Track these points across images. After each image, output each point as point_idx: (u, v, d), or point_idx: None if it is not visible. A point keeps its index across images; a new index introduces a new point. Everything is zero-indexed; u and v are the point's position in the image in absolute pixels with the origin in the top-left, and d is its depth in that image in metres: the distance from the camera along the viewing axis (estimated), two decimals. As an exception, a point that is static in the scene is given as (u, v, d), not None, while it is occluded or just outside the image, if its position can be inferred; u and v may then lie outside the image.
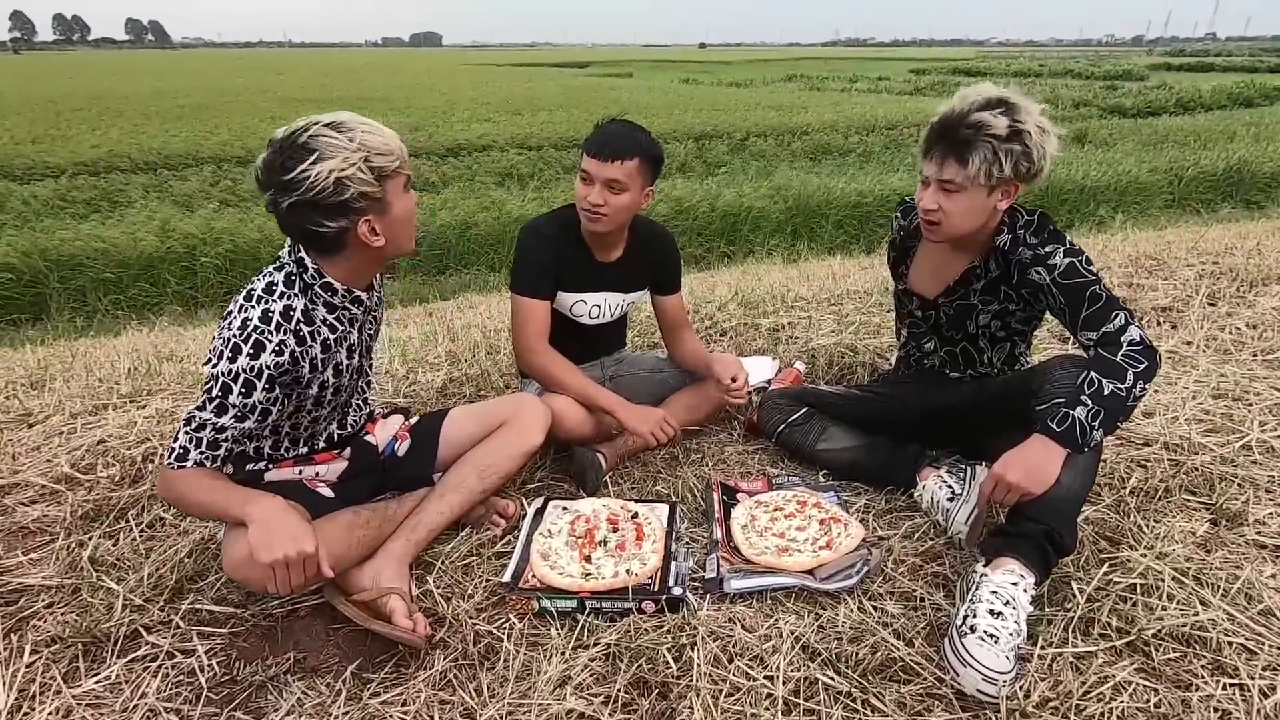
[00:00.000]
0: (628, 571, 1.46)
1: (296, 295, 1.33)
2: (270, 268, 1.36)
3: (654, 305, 2.09)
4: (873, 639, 1.34)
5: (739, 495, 1.76)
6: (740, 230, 8.57)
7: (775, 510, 1.67)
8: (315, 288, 1.36)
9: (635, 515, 1.64)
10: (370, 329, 1.55)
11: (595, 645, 1.33)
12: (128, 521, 1.72)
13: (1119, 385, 1.39)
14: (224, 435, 1.32)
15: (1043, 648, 1.29)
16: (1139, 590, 1.42)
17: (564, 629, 1.38)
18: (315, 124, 1.25)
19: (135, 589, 1.47)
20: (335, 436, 1.61)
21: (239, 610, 1.43)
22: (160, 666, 1.30)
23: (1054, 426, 1.40)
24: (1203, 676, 1.25)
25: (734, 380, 1.86)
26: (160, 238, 6.95)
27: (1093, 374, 1.41)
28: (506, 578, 1.48)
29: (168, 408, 2.32)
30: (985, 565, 1.36)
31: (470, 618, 1.41)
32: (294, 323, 1.31)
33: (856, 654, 1.31)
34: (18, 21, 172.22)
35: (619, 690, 1.25)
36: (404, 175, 1.35)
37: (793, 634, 1.35)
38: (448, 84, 26.69)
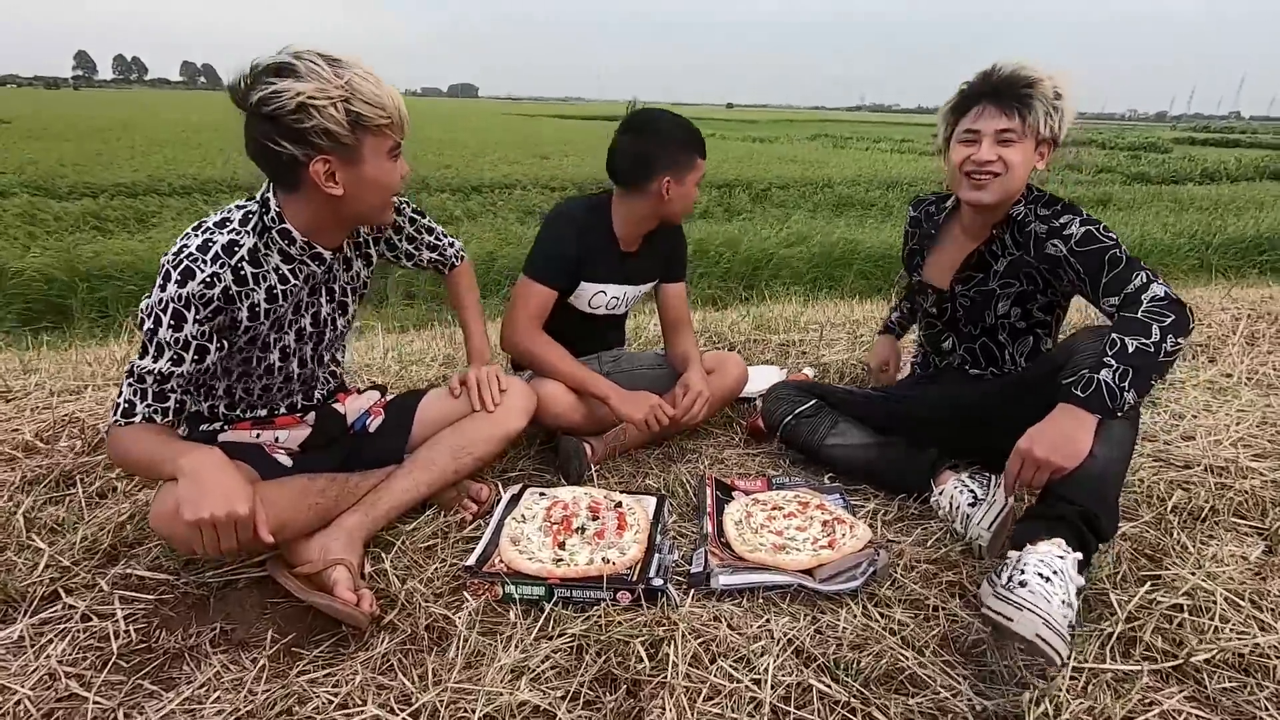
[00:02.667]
0: (604, 559, 1.31)
1: (248, 234, 1.24)
2: (234, 204, 1.28)
3: (658, 294, 1.99)
4: (877, 646, 1.17)
5: (735, 493, 1.60)
6: (760, 275, 8.51)
7: (774, 509, 1.51)
8: (273, 232, 1.26)
9: (619, 505, 1.49)
10: (335, 301, 1.44)
11: (560, 636, 1.18)
12: (76, 487, 1.60)
13: (1144, 341, 1.25)
14: (168, 385, 1.21)
15: (1078, 662, 1.11)
16: (1186, 611, 1.24)
17: (527, 618, 1.22)
18: (312, 51, 1.18)
19: (64, 550, 1.35)
20: (298, 405, 1.49)
21: (171, 578, 1.29)
22: (71, 629, 1.16)
23: (1079, 393, 1.25)
24: (1270, 711, 1.06)
25: (686, 398, 1.76)
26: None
27: (1114, 335, 1.27)
28: (471, 561, 1.33)
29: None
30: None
31: (425, 601, 1.26)
32: (235, 259, 1.21)
33: (858, 661, 1.14)
34: (81, 61, 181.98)
35: (582, 685, 1.08)
36: (391, 139, 1.24)
37: (785, 636, 1.18)
38: (479, 130, 27.50)
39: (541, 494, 1.55)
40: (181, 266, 1.17)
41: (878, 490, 1.66)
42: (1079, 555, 1.15)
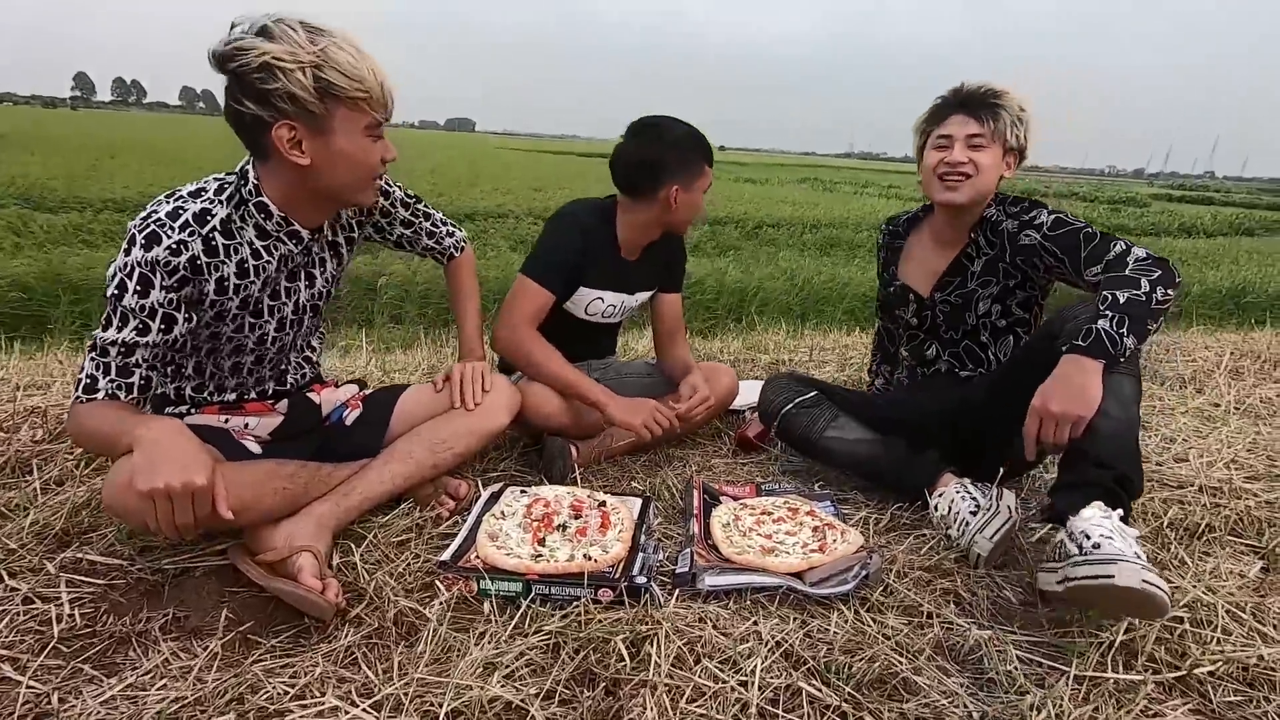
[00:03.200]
0: (585, 556, 1.25)
1: (222, 204, 1.20)
2: (211, 175, 1.25)
3: (653, 304, 1.95)
4: (869, 651, 1.11)
5: (722, 498, 1.55)
6: (747, 309, 8.55)
7: (763, 514, 1.46)
8: (250, 205, 1.23)
9: (603, 504, 1.43)
10: (314, 286, 1.39)
11: (537, 633, 1.11)
12: (33, 474, 1.52)
13: (1135, 292, 1.28)
14: (133, 359, 1.16)
15: (1079, 670, 1.06)
16: (1187, 622, 1.20)
17: (502, 614, 1.16)
18: (294, 18, 1.15)
19: (12, 534, 1.27)
20: (270, 391, 1.44)
21: (125, 564, 1.22)
22: (10, 611, 1.08)
23: (1080, 343, 1.25)
24: (1277, 724, 1.02)
25: (693, 398, 1.74)
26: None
27: (1104, 291, 1.31)
28: (445, 556, 1.27)
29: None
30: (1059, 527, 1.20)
31: (395, 596, 1.19)
32: (207, 229, 1.17)
33: (849, 665, 1.08)
34: (80, 82, 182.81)
35: (558, 682, 1.02)
36: (368, 116, 1.19)
37: (774, 639, 1.12)
38: (474, 161, 27.78)
39: (523, 492, 1.49)
40: (148, 231, 1.13)
41: (875, 488, 1.62)
42: (1120, 512, 1.15)
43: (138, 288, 1.13)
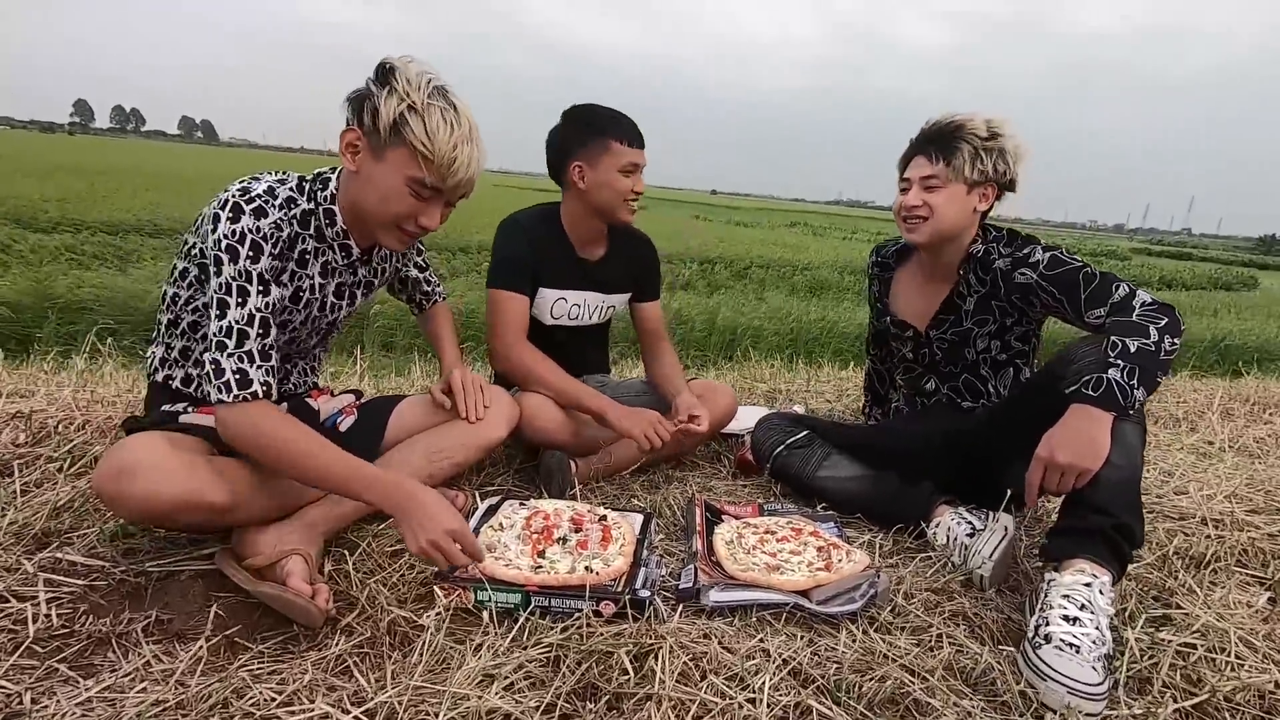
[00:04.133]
0: (586, 569, 1.21)
1: (304, 198, 1.26)
2: (286, 170, 1.29)
3: (633, 314, 1.96)
4: (879, 670, 1.07)
5: (724, 516, 1.52)
6: (738, 346, 8.58)
7: (766, 533, 1.43)
8: (321, 208, 1.26)
9: (604, 518, 1.40)
10: (344, 298, 1.40)
11: (536, 646, 1.07)
12: (13, 475, 1.47)
13: (1145, 341, 1.25)
14: (268, 337, 1.16)
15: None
16: (1200, 649, 1.17)
17: (500, 626, 1.11)
18: (440, 76, 1.21)
19: (-10, 533, 1.21)
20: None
21: (107, 564, 1.17)
22: (-17, 610, 1.03)
23: (1090, 393, 1.22)
24: (1298, 752, 0.99)
25: (692, 420, 1.71)
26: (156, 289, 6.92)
27: (1113, 338, 1.27)
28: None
29: (109, 395, 2.10)
30: (1053, 570, 1.16)
31: (389, 604, 1.14)
32: (290, 214, 1.23)
33: (860, 684, 1.04)
34: (79, 109, 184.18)
35: (559, 695, 0.97)
36: (419, 172, 1.18)
37: (781, 656, 1.09)
38: (474, 198, 28.05)
39: (521, 504, 1.45)
40: (254, 205, 1.16)
41: (872, 523, 1.59)
42: (1109, 576, 1.12)
43: (249, 253, 1.14)
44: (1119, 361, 1.23)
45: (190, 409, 1.32)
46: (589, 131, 1.69)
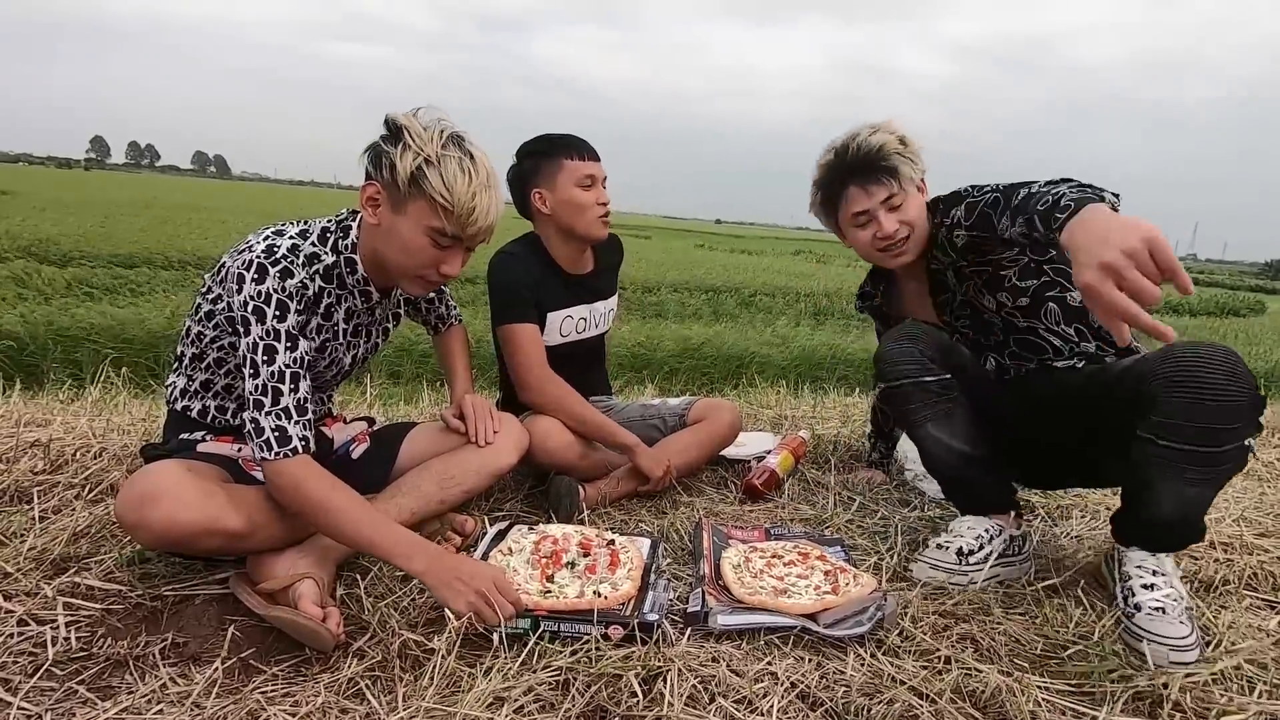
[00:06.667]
0: (595, 593, 1.23)
1: (328, 251, 1.29)
2: (309, 219, 1.33)
3: None
4: (888, 694, 1.08)
5: (731, 541, 1.53)
6: (745, 373, 8.60)
7: (773, 557, 1.44)
8: (343, 258, 1.30)
9: (612, 543, 1.41)
10: (368, 342, 1.46)
11: (546, 669, 1.08)
12: (32, 503, 1.50)
13: (1068, 184, 1.25)
14: (299, 391, 1.19)
15: (1106, 716, 1.03)
16: (1207, 673, 1.17)
17: (511, 651, 1.12)
18: (454, 125, 1.24)
19: (10, 558, 1.24)
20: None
21: (124, 589, 1.19)
22: (2, 633, 1.04)
23: (1063, 215, 1.14)
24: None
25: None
26: (168, 321, 7.00)
27: (1035, 196, 1.25)
28: (451, 591, 1.24)
29: (123, 424, 2.14)
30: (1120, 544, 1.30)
31: (400, 628, 1.15)
32: (313, 270, 1.27)
33: (869, 708, 1.05)
34: (96, 145, 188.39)
35: (569, 717, 0.98)
36: (439, 222, 1.21)
37: (789, 679, 1.09)
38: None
39: (530, 529, 1.47)
40: (280, 266, 1.19)
41: (949, 497, 1.63)
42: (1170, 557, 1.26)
43: (276, 313, 1.17)
44: (1060, 189, 1.20)
45: (208, 437, 1.35)
46: (540, 157, 1.75)
